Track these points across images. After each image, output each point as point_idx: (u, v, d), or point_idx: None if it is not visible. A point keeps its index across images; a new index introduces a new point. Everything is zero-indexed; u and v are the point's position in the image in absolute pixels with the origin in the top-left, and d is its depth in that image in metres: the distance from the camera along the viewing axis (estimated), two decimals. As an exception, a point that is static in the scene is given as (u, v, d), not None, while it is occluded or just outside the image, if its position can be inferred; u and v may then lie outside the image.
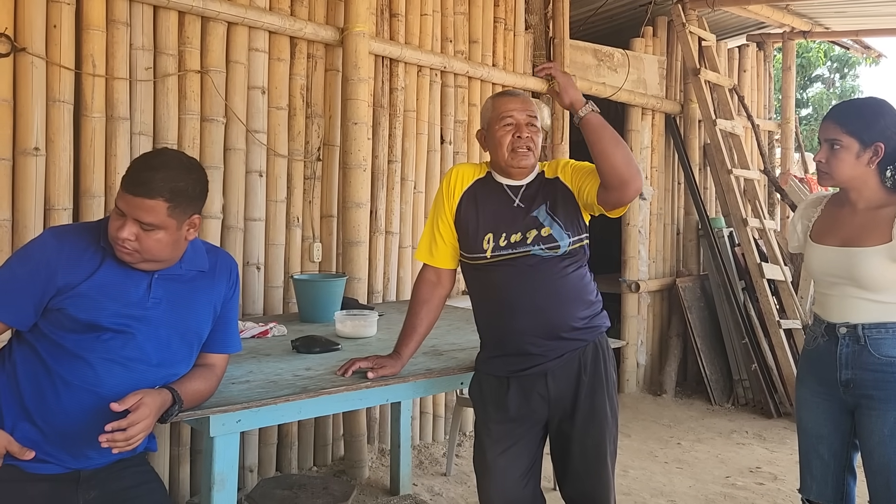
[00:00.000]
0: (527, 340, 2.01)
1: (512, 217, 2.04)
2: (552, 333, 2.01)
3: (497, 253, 2.02)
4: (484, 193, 2.10)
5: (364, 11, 3.43)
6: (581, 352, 2.04)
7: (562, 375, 2.02)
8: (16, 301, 1.60)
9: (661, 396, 5.21)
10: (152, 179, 1.58)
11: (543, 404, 2.04)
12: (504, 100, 2.08)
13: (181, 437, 3.03)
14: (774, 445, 4.21)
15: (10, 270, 1.63)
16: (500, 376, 2.07)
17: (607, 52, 5.04)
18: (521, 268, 2.00)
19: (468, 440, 4.03)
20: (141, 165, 1.62)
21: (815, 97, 17.80)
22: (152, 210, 1.59)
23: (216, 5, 3.02)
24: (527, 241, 2.00)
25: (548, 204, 2.04)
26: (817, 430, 2.12)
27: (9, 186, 2.58)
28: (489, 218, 2.05)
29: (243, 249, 3.23)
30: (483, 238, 2.03)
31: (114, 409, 1.50)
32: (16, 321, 1.61)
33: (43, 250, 1.63)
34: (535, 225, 2.01)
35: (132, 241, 1.60)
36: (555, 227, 2.01)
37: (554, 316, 2.00)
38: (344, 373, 2.08)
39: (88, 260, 1.64)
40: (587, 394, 2.02)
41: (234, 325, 1.90)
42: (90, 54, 2.74)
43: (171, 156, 1.69)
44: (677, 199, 5.68)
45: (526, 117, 2.03)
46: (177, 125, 3.00)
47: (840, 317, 2.04)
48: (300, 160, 3.44)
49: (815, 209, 2.20)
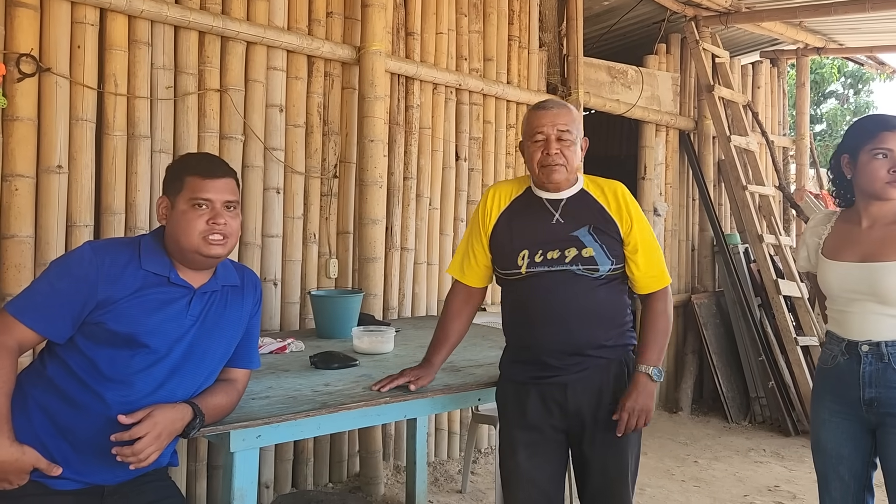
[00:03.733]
0: (547, 353, 2.01)
1: (550, 233, 2.02)
2: (575, 350, 2.00)
3: (531, 269, 2.01)
4: (522, 210, 2.09)
5: (380, 30, 3.47)
6: (604, 367, 2.03)
7: (582, 389, 2.01)
8: (55, 314, 1.60)
9: (677, 414, 5.17)
10: (220, 162, 1.77)
11: (562, 415, 2.03)
12: (535, 114, 2.04)
13: (198, 453, 3.04)
14: (793, 464, 4.17)
15: (50, 284, 1.63)
16: (520, 382, 2.07)
17: (621, 69, 5.06)
18: (554, 281, 1.99)
19: (483, 457, 4.01)
20: (199, 158, 1.78)
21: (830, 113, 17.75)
22: (233, 188, 1.75)
23: (236, 25, 3.06)
24: (565, 259, 1.98)
25: (591, 226, 2.01)
26: (837, 450, 2.09)
27: (32, 203, 2.61)
28: (526, 234, 2.04)
29: (261, 266, 3.25)
30: (518, 255, 2.02)
31: (121, 420, 1.53)
32: (53, 334, 1.62)
33: (81, 264, 1.64)
34: (576, 244, 1.99)
35: (225, 226, 1.69)
36: (597, 250, 1.99)
37: (579, 333, 2.00)
38: (381, 388, 2.08)
39: (130, 275, 1.66)
40: (609, 411, 2.01)
41: (256, 340, 1.92)
42: (112, 74, 2.78)
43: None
44: (692, 215, 5.67)
45: (556, 131, 1.99)
46: (196, 143, 3.04)
47: (861, 334, 2.02)
48: (317, 177, 3.47)
49: (825, 226, 2.18)
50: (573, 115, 2.04)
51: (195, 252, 1.69)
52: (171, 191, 1.72)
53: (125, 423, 1.54)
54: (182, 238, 1.68)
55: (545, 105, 2.06)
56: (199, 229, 1.67)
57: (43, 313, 1.60)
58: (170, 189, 1.73)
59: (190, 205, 1.68)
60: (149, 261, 1.69)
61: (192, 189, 1.69)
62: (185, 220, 1.68)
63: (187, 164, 1.76)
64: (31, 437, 1.59)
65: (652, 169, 5.27)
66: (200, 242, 1.68)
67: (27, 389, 1.63)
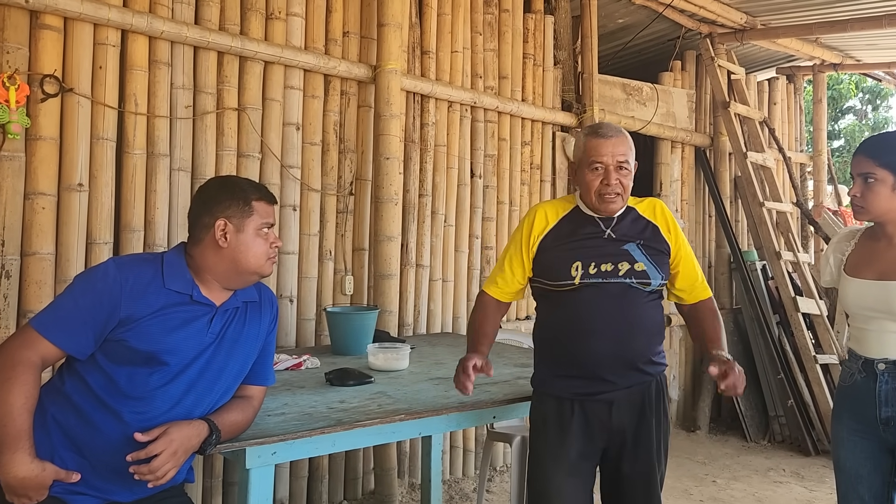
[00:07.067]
0: (603, 365, 1.99)
1: (603, 247, 2.03)
2: (629, 363, 2.00)
3: (586, 280, 2.00)
4: (571, 227, 2.08)
5: (396, 49, 3.51)
6: (647, 387, 2.04)
7: (626, 407, 2.02)
8: (77, 330, 1.61)
9: (694, 433, 5.12)
10: (265, 187, 1.85)
11: (604, 433, 2.02)
12: (594, 142, 2.01)
13: (213, 469, 3.05)
14: (813, 484, 4.11)
15: (73, 300, 1.64)
16: (564, 398, 2.05)
17: (636, 86, 5.07)
18: (609, 292, 1.99)
19: (499, 475, 3.99)
20: (255, 183, 1.83)
21: (847, 129, 17.63)
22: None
23: (254, 45, 3.11)
24: (619, 272, 1.99)
25: (640, 242, 2.03)
26: (856, 469, 2.06)
27: (53, 221, 2.66)
28: (578, 248, 2.04)
29: (277, 282, 3.27)
30: (571, 266, 2.01)
31: (138, 438, 1.55)
32: (75, 350, 1.63)
33: (106, 280, 1.65)
34: (628, 258, 2.01)
35: (279, 247, 1.84)
36: (649, 266, 2.01)
37: (634, 345, 2.01)
38: (468, 391, 1.96)
39: (152, 294, 1.67)
40: (649, 431, 2.03)
41: (272, 357, 1.93)
42: (133, 93, 2.83)
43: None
44: (708, 231, 5.64)
45: (615, 161, 1.99)
46: (214, 161, 3.08)
47: (878, 352, 2.01)
48: (333, 194, 3.50)
49: (849, 243, 2.17)
50: (629, 143, 2.04)
51: (255, 273, 1.77)
52: (234, 214, 1.73)
53: (141, 440, 1.55)
54: (250, 260, 1.74)
55: (603, 133, 2.03)
56: (264, 252, 1.76)
57: (66, 329, 1.61)
58: (232, 213, 1.73)
59: (260, 229, 1.76)
60: (172, 279, 1.71)
61: (261, 214, 1.76)
62: (256, 244, 1.75)
63: (247, 189, 1.77)
64: (50, 453, 1.60)
65: (668, 185, 5.25)
66: (265, 264, 1.77)
67: (46, 406, 1.64)
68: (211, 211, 1.73)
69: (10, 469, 1.51)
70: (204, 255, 1.74)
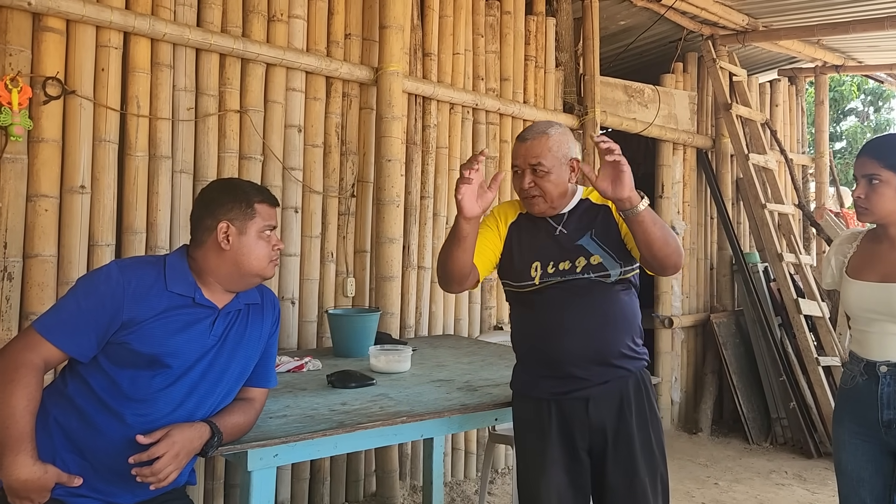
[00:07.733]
0: (573, 363, 1.99)
1: (557, 246, 2.04)
2: (599, 358, 2.00)
3: (546, 280, 2.02)
4: (527, 226, 2.11)
5: (398, 51, 3.51)
6: (624, 382, 2.02)
7: (603, 403, 2.00)
8: (80, 333, 1.61)
9: (696, 435, 5.11)
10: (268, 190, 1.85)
11: (584, 431, 2.01)
12: (514, 147, 2.07)
13: (215, 471, 3.05)
14: (815, 486, 4.10)
15: (76, 302, 1.64)
16: (541, 399, 2.05)
17: (638, 87, 5.07)
18: (572, 289, 2.00)
19: (500, 477, 3.98)
20: (257, 186, 1.84)
21: (849, 130, 17.62)
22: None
23: (256, 47, 3.11)
24: (576, 269, 2.00)
25: (593, 232, 2.03)
26: (858, 472, 2.06)
27: (55, 223, 2.66)
28: (535, 248, 2.05)
29: (279, 284, 3.27)
30: (530, 266, 2.03)
31: (139, 441, 1.55)
32: (78, 352, 1.63)
33: (108, 283, 1.65)
34: (583, 253, 2.01)
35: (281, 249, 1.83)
36: (604, 256, 2.00)
37: (603, 339, 2.00)
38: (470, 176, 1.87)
39: (155, 296, 1.67)
40: (629, 429, 1.99)
41: (273, 359, 1.93)
42: (135, 95, 2.83)
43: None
44: (710, 233, 5.64)
45: (528, 164, 2.01)
46: (216, 163, 3.08)
47: (880, 355, 2.01)
48: (335, 196, 3.50)
49: (851, 245, 2.17)
50: (548, 145, 1.99)
51: (258, 275, 1.77)
52: (236, 217, 1.73)
53: (143, 443, 1.55)
54: (252, 262, 1.75)
55: (522, 136, 2.06)
56: (266, 254, 1.76)
57: (68, 331, 1.61)
58: (235, 215, 1.73)
59: (263, 231, 1.76)
60: (174, 282, 1.71)
61: (264, 216, 1.77)
62: (259, 247, 1.75)
63: (249, 191, 1.78)
64: (52, 455, 1.61)
65: (669, 187, 5.25)
66: (267, 266, 1.78)
67: (49, 408, 1.64)
68: (213, 213, 1.74)
69: (12, 471, 1.51)
70: (206, 257, 1.74)
